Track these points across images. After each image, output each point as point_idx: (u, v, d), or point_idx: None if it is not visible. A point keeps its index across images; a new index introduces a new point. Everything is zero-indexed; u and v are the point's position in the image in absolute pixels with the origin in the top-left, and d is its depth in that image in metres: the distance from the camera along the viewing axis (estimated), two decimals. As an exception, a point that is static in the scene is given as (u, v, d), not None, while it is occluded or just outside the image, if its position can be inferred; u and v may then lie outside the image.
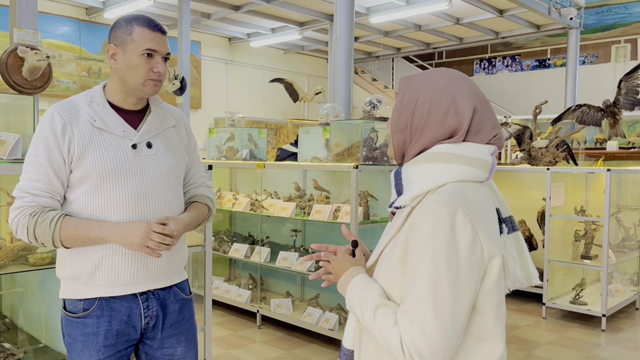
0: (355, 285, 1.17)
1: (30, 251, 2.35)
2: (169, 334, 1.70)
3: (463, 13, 10.59)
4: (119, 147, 1.59)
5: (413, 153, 1.18)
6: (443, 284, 1.03)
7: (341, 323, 3.90)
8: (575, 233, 5.10)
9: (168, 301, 1.70)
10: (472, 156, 1.13)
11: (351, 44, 5.98)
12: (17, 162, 2.34)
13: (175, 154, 1.71)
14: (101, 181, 1.56)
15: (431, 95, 1.15)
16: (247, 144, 5.30)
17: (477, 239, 1.06)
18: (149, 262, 1.62)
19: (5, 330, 2.58)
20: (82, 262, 1.58)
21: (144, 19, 1.61)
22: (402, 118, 1.19)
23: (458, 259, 1.04)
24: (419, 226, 1.08)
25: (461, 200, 1.08)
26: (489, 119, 1.16)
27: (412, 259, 1.08)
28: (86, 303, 1.60)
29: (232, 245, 4.88)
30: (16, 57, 2.62)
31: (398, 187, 1.18)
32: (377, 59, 14.78)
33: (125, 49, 1.59)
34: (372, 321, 1.10)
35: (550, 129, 5.66)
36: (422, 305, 1.03)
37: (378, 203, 4.04)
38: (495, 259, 1.09)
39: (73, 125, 1.57)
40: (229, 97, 12.62)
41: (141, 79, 1.60)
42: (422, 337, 1.02)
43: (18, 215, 1.53)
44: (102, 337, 1.59)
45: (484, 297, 1.09)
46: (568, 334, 4.46)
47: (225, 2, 9.95)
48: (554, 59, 13.43)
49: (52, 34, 9.68)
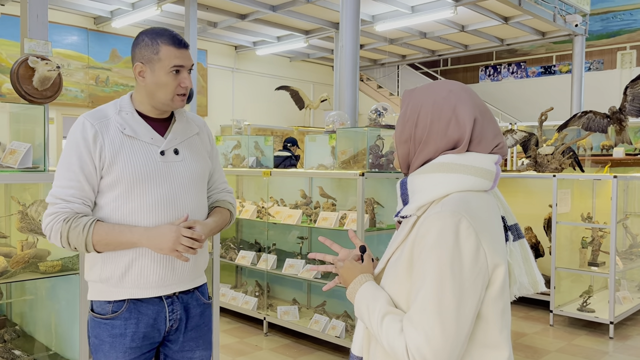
0: (364, 292, 1.19)
1: (40, 259, 2.38)
2: (190, 337, 1.76)
3: (468, 20, 10.62)
4: (148, 154, 1.66)
5: (418, 164, 1.20)
6: (447, 293, 1.05)
7: (348, 330, 3.90)
8: (582, 240, 5.08)
9: (191, 305, 1.76)
10: (476, 166, 1.15)
11: (357, 52, 6.02)
12: (28, 171, 2.37)
13: (200, 160, 1.77)
14: (132, 187, 1.62)
15: (432, 107, 1.18)
16: (254, 152, 5.33)
17: (480, 248, 1.08)
18: (176, 265, 1.68)
19: (16, 337, 2.60)
20: (112, 264, 1.63)
21: (168, 35, 1.66)
22: (405, 130, 1.21)
23: (462, 268, 1.06)
24: (423, 235, 1.10)
25: (465, 210, 1.10)
26: (490, 129, 1.19)
27: (417, 267, 1.10)
28: (115, 305, 1.65)
29: (239, 252, 4.89)
30: (27, 68, 2.65)
31: (404, 197, 1.21)
32: (382, 67, 14.82)
33: (153, 67, 1.64)
34: (379, 328, 1.12)
35: (556, 136, 5.66)
36: (427, 313, 1.05)
37: (384, 210, 4.05)
38: (499, 268, 1.11)
39: (104, 133, 1.63)
40: (235, 105, 12.68)
41: (170, 94, 1.66)
42: (426, 344, 1.04)
43: (52, 221, 1.58)
44: (129, 339, 1.64)
45: (488, 305, 1.11)
46: (576, 341, 4.44)
47: (231, 11, 10.03)
48: (560, 66, 13.42)
49: (60, 43, 9.78)
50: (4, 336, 2.56)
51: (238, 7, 9.72)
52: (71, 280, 2.37)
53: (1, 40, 9.29)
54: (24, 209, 2.41)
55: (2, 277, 2.23)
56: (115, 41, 10.58)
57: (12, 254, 2.41)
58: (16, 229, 2.41)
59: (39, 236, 2.42)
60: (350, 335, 3.85)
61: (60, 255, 2.42)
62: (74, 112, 10.07)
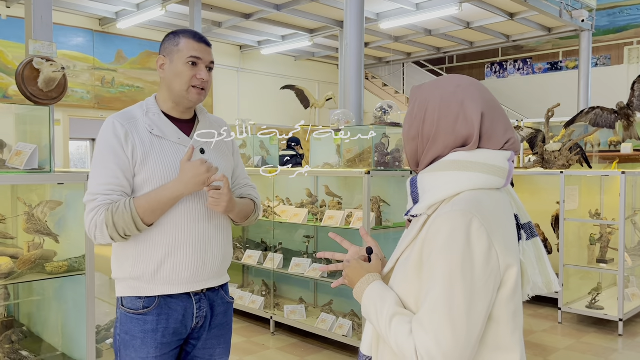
0: (371, 292, 1.17)
1: (47, 260, 2.38)
2: (213, 335, 1.79)
3: (473, 17, 10.57)
4: (176, 153, 1.70)
5: (427, 161, 1.18)
6: (458, 294, 1.03)
7: (355, 329, 3.89)
8: (591, 237, 5.04)
9: (216, 303, 1.79)
10: (487, 163, 1.12)
11: (361, 50, 6.00)
12: (34, 172, 2.38)
13: (224, 158, 1.83)
14: (161, 185, 1.65)
15: (440, 102, 1.15)
16: (259, 151, 5.33)
17: (492, 249, 1.05)
18: (207, 261, 1.72)
19: (23, 338, 2.61)
20: (145, 262, 1.66)
21: (190, 32, 1.74)
22: (413, 127, 1.19)
23: (473, 269, 1.04)
24: (434, 235, 1.07)
25: (477, 210, 1.07)
26: (500, 124, 1.15)
27: (427, 268, 1.08)
28: (146, 301, 1.67)
29: (245, 252, 4.89)
30: (32, 69, 2.66)
31: (414, 195, 1.18)
32: (387, 65, 14.78)
33: (172, 58, 1.71)
34: (387, 329, 1.10)
35: (563, 132, 5.62)
36: (437, 315, 1.03)
37: (390, 208, 4.03)
38: (511, 269, 1.08)
39: (134, 133, 1.67)
40: (240, 105, 12.69)
41: (185, 85, 1.70)
42: (436, 347, 1.02)
43: (95, 216, 1.60)
44: (160, 334, 1.66)
45: (500, 307, 1.09)
46: (585, 339, 4.41)
47: (236, 11, 10.04)
48: (566, 62, 13.34)
49: (66, 44, 9.82)
50: (12, 337, 2.57)
51: (242, 7, 9.72)
52: (78, 280, 2.37)
53: (7, 43, 9.34)
54: (30, 210, 2.41)
55: (10, 278, 2.24)
56: (121, 42, 10.61)
57: (19, 255, 2.42)
58: (23, 230, 2.41)
59: (46, 237, 2.42)
60: (358, 334, 3.84)
61: (66, 256, 2.42)
62: (80, 114, 10.11)
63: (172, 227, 1.66)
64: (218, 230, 1.75)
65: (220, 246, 1.76)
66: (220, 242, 1.76)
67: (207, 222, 1.71)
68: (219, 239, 1.76)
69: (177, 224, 1.66)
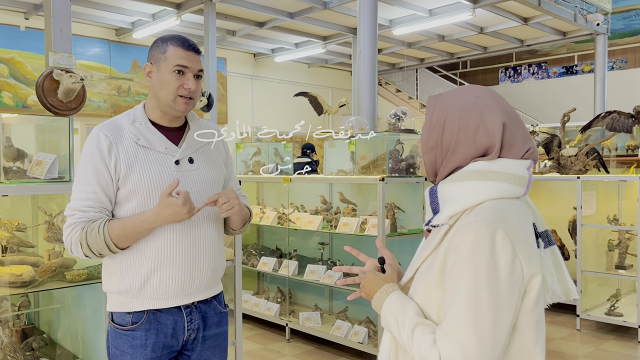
0: (391, 303, 1.17)
1: (67, 268, 2.42)
2: (207, 346, 1.76)
3: (487, 22, 10.54)
4: (162, 164, 1.65)
5: (447, 171, 1.18)
6: (484, 304, 1.03)
7: (370, 336, 3.89)
8: (609, 242, 4.98)
9: (208, 315, 1.76)
10: (508, 172, 1.12)
11: (375, 57, 6.01)
12: (54, 182, 2.42)
13: (215, 168, 1.77)
14: (147, 197, 1.62)
15: (459, 113, 1.15)
16: (274, 158, 5.36)
17: (517, 259, 1.06)
18: (195, 275, 1.68)
19: (44, 345, 2.65)
20: (131, 276, 1.63)
21: (178, 38, 1.67)
22: (431, 137, 1.19)
23: (498, 279, 1.04)
24: (457, 245, 1.07)
25: (500, 220, 1.07)
26: (520, 133, 1.16)
27: (450, 278, 1.08)
28: (135, 316, 1.65)
29: (260, 258, 4.91)
30: (52, 80, 2.71)
31: (434, 205, 1.18)
32: (400, 70, 14.78)
33: (159, 66, 1.65)
34: (409, 340, 1.09)
35: (579, 137, 5.57)
36: (462, 325, 1.03)
37: (405, 215, 4.03)
38: (535, 278, 1.09)
39: (118, 144, 1.63)
40: (254, 112, 12.77)
41: (172, 95, 1.65)
42: (462, 356, 1.02)
43: (70, 232, 1.60)
44: (149, 350, 1.64)
45: (524, 316, 1.09)
46: (604, 346, 4.35)
47: (249, 19, 10.12)
48: (582, 66, 13.22)
49: (83, 55, 9.98)
50: (32, 344, 2.61)
51: (256, 15, 9.80)
52: (96, 288, 2.41)
53: (26, 54, 9.51)
54: (50, 219, 2.46)
55: (31, 286, 2.28)
56: (137, 51, 10.75)
57: (39, 263, 2.46)
58: (43, 238, 2.46)
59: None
60: (373, 341, 3.83)
61: (85, 264, 2.46)
62: (97, 122, 10.13)
63: (158, 242, 1.62)
64: (206, 243, 1.70)
65: (209, 259, 1.71)
66: (209, 255, 1.71)
67: (193, 235, 1.67)
68: (208, 251, 1.71)
69: (162, 238, 1.63)
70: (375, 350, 3.73)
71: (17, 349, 2.54)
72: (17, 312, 2.73)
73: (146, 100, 1.74)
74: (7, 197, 2.60)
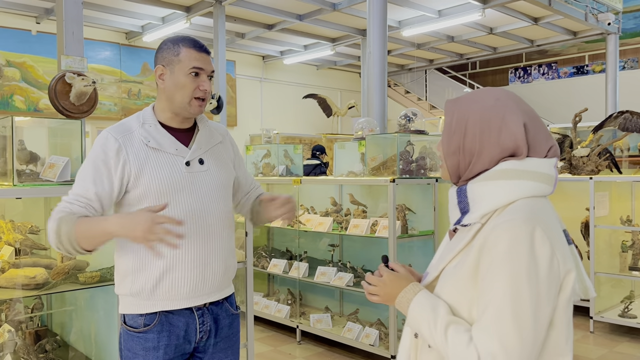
0: (420, 302, 1.16)
1: (80, 270, 2.43)
2: (220, 348, 1.76)
3: (496, 23, 10.50)
4: (173, 165, 1.65)
5: (473, 174, 1.19)
6: (524, 301, 1.04)
7: (381, 338, 3.87)
8: (622, 244, 4.93)
9: (220, 316, 1.76)
10: (537, 171, 1.14)
11: (385, 58, 6.00)
12: (67, 184, 2.43)
13: (224, 169, 1.77)
14: (159, 199, 1.61)
15: (480, 116, 1.17)
16: (283, 160, 5.36)
17: (555, 256, 1.08)
18: (207, 276, 1.68)
19: (57, 347, 2.66)
20: (143, 278, 1.63)
21: (189, 40, 1.68)
22: (453, 141, 1.20)
23: (538, 276, 1.06)
24: (495, 243, 1.08)
25: (537, 217, 1.09)
26: (541, 132, 1.18)
27: (488, 276, 1.08)
28: (147, 318, 1.65)
29: (271, 260, 4.91)
30: (64, 84, 2.73)
31: (462, 205, 1.19)
32: (409, 72, 14.75)
33: (172, 69, 1.65)
34: (443, 339, 1.10)
35: (590, 137, 5.52)
36: (503, 321, 1.04)
37: (416, 216, 4.01)
38: (570, 274, 1.11)
39: (127, 147, 1.63)
40: (263, 114, 12.80)
41: (188, 97, 1.65)
42: (503, 353, 1.03)
43: (50, 220, 1.57)
44: (162, 352, 1.64)
45: (559, 312, 1.11)
46: (618, 348, 4.31)
47: (258, 22, 10.15)
48: (593, 65, 13.13)
49: (94, 58, 10.05)
50: (46, 346, 2.62)
51: (265, 18, 9.83)
52: (109, 291, 2.41)
53: (37, 57, 9.60)
54: (63, 222, 2.47)
55: (44, 289, 2.29)
56: (146, 55, 10.82)
57: (52, 265, 2.47)
58: (56, 241, 2.47)
59: (78, 248, 2.47)
60: (385, 343, 3.82)
61: (98, 267, 2.47)
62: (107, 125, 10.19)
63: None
64: (218, 244, 1.70)
65: (221, 260, 1.71)
66: (221, 256, 1.71)
67: (205, 237, 1.66)
68: (219, 253, 1.70)
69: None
70: (387, 353, 3.72)
71: (31, 351, 2.55)
72: (30, 315, 2.75)
73: (155, 102, 1.74)
74: (20, 200, 2.62)
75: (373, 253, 4.35)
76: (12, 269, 2.35)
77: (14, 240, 2.53)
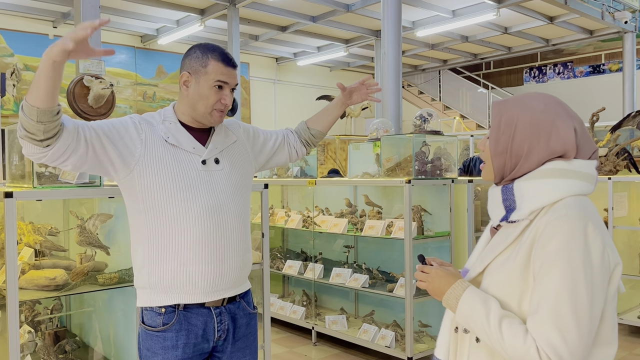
0: (471, 298, 1.21)
1: (98, 271, 2.45)
2: (238, 347, 1.78)
3: (511, 22, 10.42)
4: (190, 163, 1.69)
5: (519, 174, 1.24)
6: (581, 293, 1.09)
7: (398, 340, 3.85)
8: (641, 245, 4.86)
9: (238, 315, 1.78)
10: (583, 171, 1.21)
11: (399, 59, 5.99)
12: (85, 187, 2.46)
13: (240, 168, 1.81)
14: (176, 192, 1.65)
15: (530, 121, 1.22)
16: (298, 162, 5.37)
17: (606, 249, 1.14)
18: (224, 271, 1.70)
19: (76, 348, 2.69)
20: (159, 269, 1.66)
21: (219, 52, 1.71)
22: (500, 142, 1.25)
23: (592, 268, 1.11)
24: (549, 239, 1.13)
25: (588, 214, 1.15)
26: (587, 136, 1.25)
27: (544, 269, 1.13)
28: (165, 317, 1.67)
29: (286, 262, 4.92)
30: (82, 87, 2.76)
31: (508, 203, 1.24)
32: (423, 72, 14.69)
33: (198, 78, 1.69)
34: (498, 333, 1.14)
35: (608, 137, 5.45)
36: (562, 313, 1.09)
37: (432, 217, 3.99)
38: (618, 267, 1.17)
39: (147, 134, 1.68)
40: (277, 116, 12.83)
41: (209, 108, 1.70)
42: (563, 344, 1.08)
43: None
44: (180, 351, 1.66)
45: (607, 303, 1.16)
46: (637, 350, 4.24)
47: (272, 24, 10.18)
48: (609, 64, 12.97)
49: (110, 61, 10.16)
50: (65, 347, 2.65)
51: (279, 20, 9.86)
52: (128, 292, 2.43)
53: (55, 62, 9.70)
54: (82, 223, 2.50)
55: (64, 290, 2.32)
56: (161, 58, 10.91)
57: (71, 267, 2.50)
58: (75, 242, 2.50)
59: (97, 249, 2.50)
60: (401, 344, 3.80)
61: (117, 268, 2.49)
62: (123, 128, 10.43)
63: (186, 236, 1.64)
64: (234, 240, 1.72)
65: (237, 255, 1.73)
66: (237, 251, 1.73)
67: (222, 232, 1.68)
68: (236, 248, 1.72)
69: (190, 233, 1.64)
70: (403, 354, 3.70)
71: (51, 352, 2.58)
72: (50, 316, 2.78)
73: (176, 102, 1.78)
74: (39, 202, 2.65)
75: (388, 254, 4.34)
76: (32, 270, 2.38)
77: (34, 242, 2.56)
